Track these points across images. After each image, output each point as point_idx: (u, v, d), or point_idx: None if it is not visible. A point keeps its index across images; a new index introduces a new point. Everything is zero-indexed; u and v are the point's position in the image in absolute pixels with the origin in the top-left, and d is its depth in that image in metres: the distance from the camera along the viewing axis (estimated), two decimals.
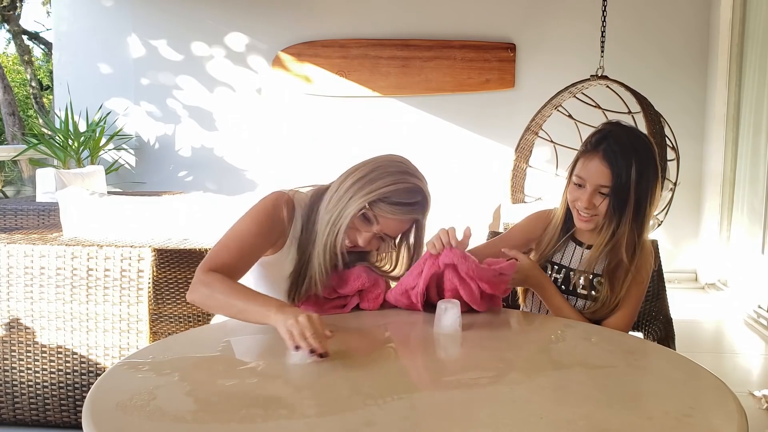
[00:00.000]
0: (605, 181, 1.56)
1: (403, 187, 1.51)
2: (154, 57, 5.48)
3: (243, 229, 1.52)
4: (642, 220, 1.59)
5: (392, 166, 1.55)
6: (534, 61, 5.14)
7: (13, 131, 10.48)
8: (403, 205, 1.51)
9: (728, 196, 4.68)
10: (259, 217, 1.54)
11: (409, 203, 1.51)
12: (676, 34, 4.99)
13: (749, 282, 4.17)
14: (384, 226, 1.52)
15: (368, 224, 1.53)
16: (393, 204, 1.50)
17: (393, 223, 1.53)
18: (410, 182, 1.52)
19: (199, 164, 5.48)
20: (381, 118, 5.33)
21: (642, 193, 1.56)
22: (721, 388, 1.12)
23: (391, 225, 1.53)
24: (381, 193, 1.49)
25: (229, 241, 1.51)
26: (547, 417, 1.01)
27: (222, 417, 1.02)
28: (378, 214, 1.51)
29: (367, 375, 1.22)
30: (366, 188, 1.50)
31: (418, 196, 1.53)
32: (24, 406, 2.33)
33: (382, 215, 1.51)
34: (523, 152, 3.89)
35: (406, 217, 1.52)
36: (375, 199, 1.49)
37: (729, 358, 3.44)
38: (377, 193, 1.49)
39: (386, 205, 1.50)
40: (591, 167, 1.57)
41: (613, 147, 1.55)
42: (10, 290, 2.29)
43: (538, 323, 1.62)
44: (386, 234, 1.55)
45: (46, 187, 4.21)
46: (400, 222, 1.53)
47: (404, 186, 1.51)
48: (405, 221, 1.54)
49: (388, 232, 1.54)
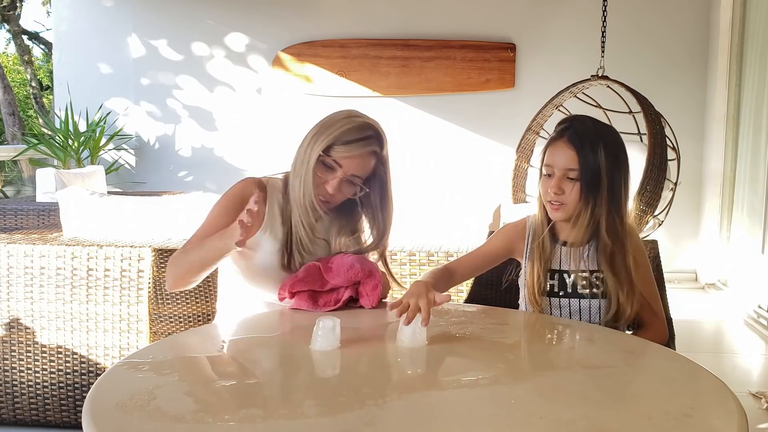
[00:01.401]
0: (572, 164, 1.56)
1: (352, 126, 1.59)
2: (154, 57, 5.47)
3: (210, 216, 1.63)
4: (619, 203, 1.59)
5: (338, 114, 1.63)
6: (534, 61, 5.14)
7: (13, 131, 10.48)
8: (356, 141, 1.58)
9: (728, 196, 4.68)
10: (225, 203, 1.63)
11: (361, 138, 1.58)
12: (676, 34, 4.99)
13: (749, 282, 4.17)
14: (346, 167, 1.58)
15: (332, 171, 1.59)
16: (346, 143, 1.57)
17: (353, 161, 1.58)
18: (357, 121, 1.60)
19: (199, 164, 5.48)
20: (381, 118, 5.25)
21: (615, 176, 1.57)
22: (721, 388, 1.12)
23: (353, 163, 1.59)
24: (333, 138, 1.57)
25: (197, 231, 1.61)
26: (547, 417, 1.01)
27: (222, 417, 1.02)
28: (336, 158, 1.58)
29: (367, 375, 1.22)
30: (318, 139, 1.59)
31: (368, 130, 1.60)
32: (24, 406, 2.33)
33: (340, 157, 1.57)
34: (524, 152, 3.89)
35: (361, 151, 1.58)
36: (328, 145, 1.57)
37: (729, 358, 3.44)
38: (329, 139, 1.57)
39: (340, 146, 1.57)
40: (557, 153, 1.59)
41: (577, 132, 1.58)
42: (10, 290, 2.29)
43: (538, 323, 1.62)
44: (353, 175, 1.60)
45: (46, 187, 4.21)
46: (360, 157, 1.59)
47: (352, 125, 1.59)
48: (364, 155, 1.60)
49: (352, 172, 1.59)
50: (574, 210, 1.60)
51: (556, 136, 1.61)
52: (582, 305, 1.65)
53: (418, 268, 2.38)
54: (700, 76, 4.97)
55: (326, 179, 1.60)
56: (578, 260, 1.65)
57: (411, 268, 2.38)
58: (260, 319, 1.57)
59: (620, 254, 1.61)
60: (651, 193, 2.95)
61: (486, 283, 2.02)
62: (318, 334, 1.30)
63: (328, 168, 1.59)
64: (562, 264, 1.67)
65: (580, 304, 1.65)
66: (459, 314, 1.58)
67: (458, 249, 2.38)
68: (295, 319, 1.56)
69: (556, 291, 1.66)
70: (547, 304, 1.67)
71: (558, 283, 1.66)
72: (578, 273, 1.64)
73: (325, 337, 1.29)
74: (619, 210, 1.60)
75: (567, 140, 1.58)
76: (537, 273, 1.66)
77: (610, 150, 1.57)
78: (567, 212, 1.61)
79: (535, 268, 1.67)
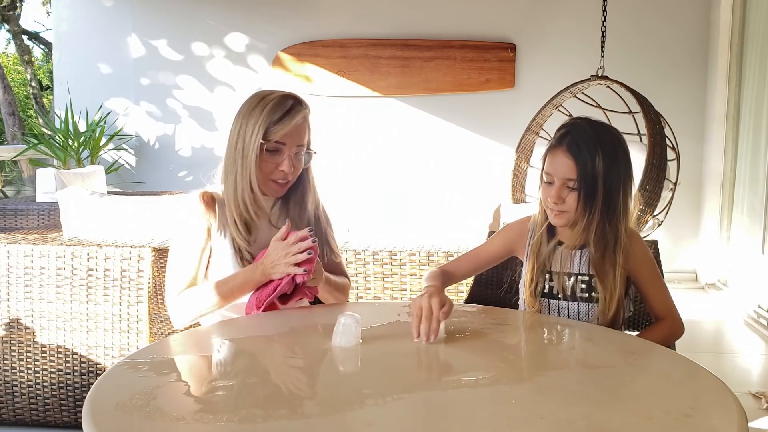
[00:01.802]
0: (571, 173, 1.55)
1: (274, 104, 1.62)
2: (154, 57, 5.48)
3: (176, 247, 1.68)
4: (614, 210, 1.58)
5: (253, 100, 1.66)
6: (534, 61, 5.14)
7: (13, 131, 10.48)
8: (286, 114, 1.62)
9: (728, 196, 4.68)
10: (185, 227, 1.68)
11: (289, 109, 1.62)
12: (676, 34, 4.99)
13: (749, 282, 4.17)
14: (289, 141, 1.63)
15: (278, 152, 1.63)
16: (279, 121, 1.61)
17: (292, 134, 1.63)
18: (275, 98, 1.64)
19: (199, 164, 5.47)
20: (381, 118, 5.33)
21: (612, 184, 1.55)
22: (721, 388, 1.12)
23: (293, 136, 1.63)
24: (265, 123, 1.60)
25: (173, 265, 1.67)
26: (547, 417, 1.01)
27: (222, 417, 1.02)
28: (277, 139, 1.61)
29: (367, 375, 1.22)
30: (250, 130, 1.61)
31: (289, 99, 1.65)
32: (24, 406, 2.33)
33: (280, 136, 1.61)
34: (524, 152, 3.89)
35: (295, 121, 1.62)
36: (264, 131, 1.60)
37: (729, 358, 3.44)
38: (262, 125, 1.60)
39: (275, 126, 1.60)
40: (556, 162, 1.58)
41: (576, 139, 1.56)
42: (10, 290, 2.29)
43: (539, 323, 1.62)
44: (298, 146, 1.65)
45: (46, 187, 4.21)
46: (296, 127, 1.63)
47: (274, 103, 1.63)
48: (298, 124, 1.64)
49: (296, 143, 1.64)
50: (575, 216, 1.60)
51: (556, 143, 1.60)
52: (580, 308, 1.65)
53: (418, 268, 2.38)
54: (700, 76, 4.97)
55: (277, 162, 1.63)
56: (575, 263, 1.65)
57: (411, 268, 2.38)
58: (261, 318, 1.57)
59: (609, 262, 1.60)
60: (650, 193, 2.95)
61: (486, 283, 2.02)
62: (339, 330, 1.32)
63: (273, 152, 1.63)
64: (562, 266, 1.66)
65: (578, 307, 1.65)
66: (459, 314, 1.58)
67: (458, 249, 2.38)
68: (294, 319, 1.56)
69: (555, 293, 1.66)
70: (545, 306, 1.68)
71: (556, 285, 1.66)
72: (576, 276, 1.64)
73: (345, 334, 1.32)
74: (612, 218, 1.58)
75: (566, 148, 1.56)
76: (533, 273, 1.66)
77: (609, 157, 1.55)
78: (568, 219, 1.60)
79: (533, 268, 1.67)
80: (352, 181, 5.29)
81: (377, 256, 2.39)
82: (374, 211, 5.23)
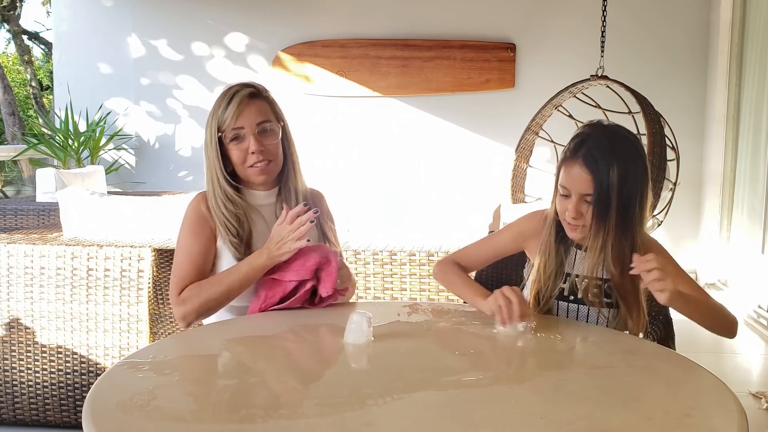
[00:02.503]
0: (588, 189, 1.50)
1: (218, 99, 1.66)
2: (154, 57, 5.47)
3: (182, 245, 1.66)
4: (630, 224, 1.53)
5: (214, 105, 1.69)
6: (534, 61, 5.14)
7: (13, 131, 10.48)
8: (231, 100, 1.62)
9: (728, 196, 4.68)
10: (188, 226, 1.67)
11: (232, 95, 1.63)
12: (676, 33, 4.99)
13: (749, 282, 4.17)
14: (245, 123, 1.62)
15: (241, 138, 1.64)
16: (225, 108, 1.62)
17: (244, 115, 1.62)
18: (220, 93, 1.66)
19: (199, 164, 5.45)
20: (381, 118, 5.33)
21: (627, 197, 1.50)
22: (721, 388, 1.12)
23: (246, 116, 1.63)
24: (216, 117, 1.64)
25: (179, 262, 1.64)
26: (547, 417, 1.01)
27: (222, 417, 1.02)
28: (231, 126, 1.62)
29: (367, 375, 1.22)
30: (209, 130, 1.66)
31: (234, 87, 1.65)
32: (24, 406, 2.33)
33: (233, 122, 1.62)
34: (524, 152, 3.89)
35: (240, 101, 1.62)
36: (218, 125, 1.63)
37: (729, 358, 3.44)
38: (214, 121, 1.64)
39: (224, 115, 1.62)
40: (573, 175, 1.52)
41: (592, 152, 1.50)
42: (10, 290, 2.29)
43: (539, 323, 1.61)
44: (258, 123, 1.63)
45: (46, 187, 4.21)
46: (245, 106, 1.63)
47: (218, 99, 1.66)
48: (247, 103, 1.64)
49: (254, 122, 1.63)
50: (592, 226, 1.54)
51: (571, 155, 1.53)
52: (591, 313, 1.60)
53: (418, 268, 2.38)
54: (700, 75, 4.97)
55: (244, 146, 1.63)
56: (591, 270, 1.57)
57: (411, 268, 2.38)
58: (261, 318, 1.57)
59: (629, 277, 1.52)
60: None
61: (487, 283, 2.02)
62: (350, 328, 1.34)
63: (236, 140, 1.64)
64: (576, 268, 1.62)
65: (589, 312, 1.60)
66: (459, 314, 1.58)
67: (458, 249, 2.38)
68: (294, 319, 1.56)
69: (566, 295, 1.62)
70: (555, 307, 1.63)
71: (569, 287, 1.62)
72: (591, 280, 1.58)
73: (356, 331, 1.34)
74: (628, 230, 1.53)
75: (582, 162, 1.50)
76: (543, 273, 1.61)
77: (623, 169, 1.49)
78: (584, 233, 1.55)
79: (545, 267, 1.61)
80: (352, 181, 5.29)
81: (377, 256, 2.39)
82: (374, 211, 5.22)
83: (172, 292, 1.62)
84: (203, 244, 1.64)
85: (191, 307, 1.58)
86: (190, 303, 1.58)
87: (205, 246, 1.64)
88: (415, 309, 1.66)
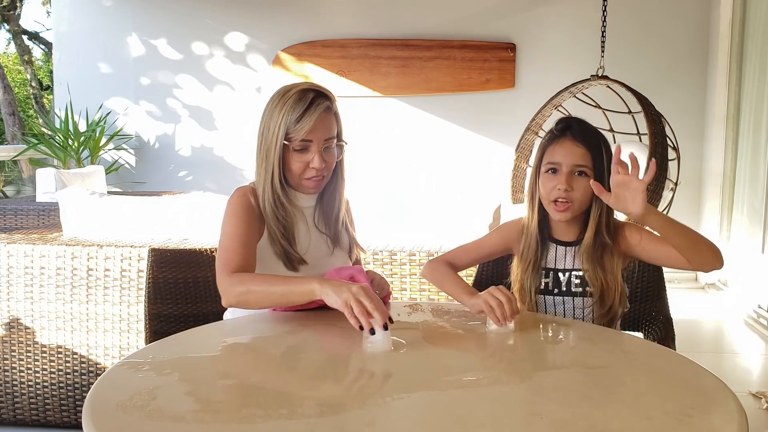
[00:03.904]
0: (581, 159, 1.58)
1: (291, 102, 1.55)
2: (154, 56, 5.48)
3: (233, 228, 1.57)
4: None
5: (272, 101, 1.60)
6: (534, 61, 5.14)
7: (13, 131, 10.48)
8: (306, 110, 1.54)
9: (728, 196, 4.68)
10: (238, 212, 1.59)
11: (309, 104, 1.55)
12: (677, 33, 4.99)
13: (749, 282, 4.17)
14: (315, 137, 1.57)
15: (306, 150, 1.58)
16: (299, 119, 1.54)
17: (317, 129, 1.56)
18: (291, 95, 1.56)
19: (199, 164, 5.48)
20: (381, 118, 5.33)
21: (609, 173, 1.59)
22: (721, 388, 1.12)
23: (317, 131, 1.57)
24: (285, 122, 1.55)
25: (230, 244, 1.56)
26: (547, 417, 1.01)
27: (222, 417, 1.02)
28: (301, 137, 1.55)
29: (367, 375, 1.22)
30: (271, 134, 1.57)
31: (309, 93, 1.57)
32: (24, 406, 2.33)
33: (304, 134, 1.55)
34: (524, 152, 3.89)
35: (317, 115, 1.56)
36: (286, 131, 1.55)
37: (729, 358, 3.44)
38: (282, 126, 1.55)
39: (296, 125, 1.54)
40: (563, 150, 1.60)
41: (581, 130, 1.61)
42: (10, 290, 2.29)
43: (539, 323, 1.61)
44: (325, 140, 1.59)
45: (46, 187, 4.21)
46: (320, 121, 1.56)
47: (291, 101, 1.56)
48: (322, 118, 1.57)
49: (323, 137, 1.58)
50: (581, 208, 1.61)
51: (559, 134, 1.63)
52: (575, 303, 1.66)
53: (418, 268, 2.38)
54: (700, 75, 4.97)
55: (307, 160, 1.58)
56: (573, 258, 1.66)
57: (411, 268, 2.38)
58: (260, 318, 1.57)
59: (609, 252, 1.62)
60: (651, 193, 2.95)
61: (486, 283, 2.02)
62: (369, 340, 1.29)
63: (301, 151, 1.58)
64: (557, 262, 1.68)
65: (574, 302, 1.66)
66: (459, 314, 1.58)
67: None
68: (295, 319, 1.56)
69: (551, 288, 1.68)
70: (542, 302, 1.69)
71: (552, 281, 1.67)
72: (572, 271, 1.66)
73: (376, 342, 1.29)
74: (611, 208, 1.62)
75: (573, 138, 1.60)
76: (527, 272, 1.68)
77: (608, 149, 1.62)
78: (573, 211, 1.61)
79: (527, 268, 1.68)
80: (352, 181, 5.28)
81: (377, 256, 2.39)
82: (374, 210, 5.22)
83: (222, 270, 1.51)
84: (252, 230, 1.58)
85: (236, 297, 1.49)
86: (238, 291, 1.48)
87: (254, 234, 1.59)
88: (415, 309, 1.66)
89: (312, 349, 1.39)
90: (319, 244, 1.69)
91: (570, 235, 1.67)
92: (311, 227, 1.69)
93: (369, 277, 1.62)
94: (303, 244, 1.65)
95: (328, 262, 1.68)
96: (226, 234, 1.58)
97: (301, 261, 1.63)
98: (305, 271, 1.64)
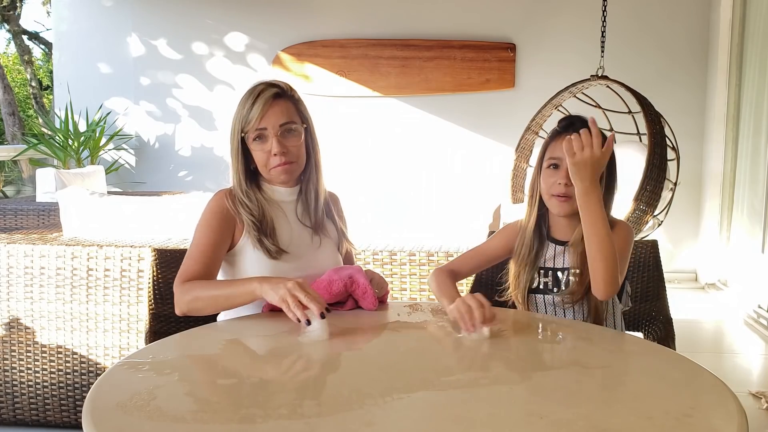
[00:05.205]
0: None
1: (244, 98, 1.64)
2: (154, 56, 5.48)
3: (198, 236, 1.64)
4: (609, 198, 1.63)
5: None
6: (534, 61, 5.14)
7: (13, 131, 10.48)
8: (255, 100, 1.61)
9: (728, 196, 4.68)
10: (207, 219, 1.65)
11: (257, 95, 1.62)
12: (677, 33, 4.99)
13: (749, 282, 4.17)
14: (268, 124, 1.61)
15: (264, 138, 1.63)
16: (249, 109, 1.61)
17: (268, 116, 1.61)
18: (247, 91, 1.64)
19: (199, 164, 5.48)
20: (381, 118, 5.33)
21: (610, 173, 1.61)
22: (721, 388, 1.12)
23: (268, 117, 1.62)
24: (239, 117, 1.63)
25: (191, 252, 1.63)
26: (547, 417, 1.01)
27: (222, 417, 1.02)
28: (254, 127, 1.61)
29: (367, 375, 1.22)
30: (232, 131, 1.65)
31: (259, 86, 1.64)
32: (24, 406, 2.33)
33: (256, 122, 1.61)
34: (524, 152, 3.89)
35: (263, 102, 1.61)
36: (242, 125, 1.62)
37: (729, 358, 3.44)
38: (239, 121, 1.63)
39: (247, 115, 1.61)
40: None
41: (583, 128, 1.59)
42: (10, 290, 2.29)
43: (538, 323, 1.62)
44: (281, 125, 1.62)
45: (46, 187, 4.21)
46: (269, 107, 1.62)
47: (244, 97, 1.64)
48: (271, 104, 1.62)
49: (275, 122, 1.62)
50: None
51: (562, 131, 1.64)
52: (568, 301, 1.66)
53: (418, 268, 2.38)
54: (700, 75, 4.97)
55: (267, 147, 1.63)
56: (566, 258, 1.67)
57: (411, 268, 2.38)
58: (261, 319, 1.57)
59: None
60: (651, 193, 2.95)
61: (486, 283, 2.02)
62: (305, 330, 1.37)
63: (259, 140, 1.63)
64: (556, 261, 1.68)
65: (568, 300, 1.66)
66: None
67: (458, 249, 2.38)
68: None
69: (550, 288, 1.68)
70: (541, 302, 1.69)
71: (552, 281, 1.68)
72: (567, 270, 1.66)
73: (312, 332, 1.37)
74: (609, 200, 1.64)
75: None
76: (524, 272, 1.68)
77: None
78: (573, 206, 1.61)
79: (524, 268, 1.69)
80: (352, 181, 5.29)
81: (377, 256, 2.39)
82: (374, 211, 5.23)
83: (176, 280, 1.60)
84: (215, 237, 1.62)
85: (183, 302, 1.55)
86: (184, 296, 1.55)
87: (216, 239, 1.62)
88: (415, 309, 1.66)
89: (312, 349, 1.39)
90: (302, 237, 1.71)
91: (569, 234, 1.67)
92: (293, 221, 1.71)
93: (368, 276, 1.63)
94: (285, 237, 1.68)
95: (315, 255, 1.71)
96: (192, 241, 1.65)
97: (279, 251, 1.65)
98: (289, 261, 1.66)
